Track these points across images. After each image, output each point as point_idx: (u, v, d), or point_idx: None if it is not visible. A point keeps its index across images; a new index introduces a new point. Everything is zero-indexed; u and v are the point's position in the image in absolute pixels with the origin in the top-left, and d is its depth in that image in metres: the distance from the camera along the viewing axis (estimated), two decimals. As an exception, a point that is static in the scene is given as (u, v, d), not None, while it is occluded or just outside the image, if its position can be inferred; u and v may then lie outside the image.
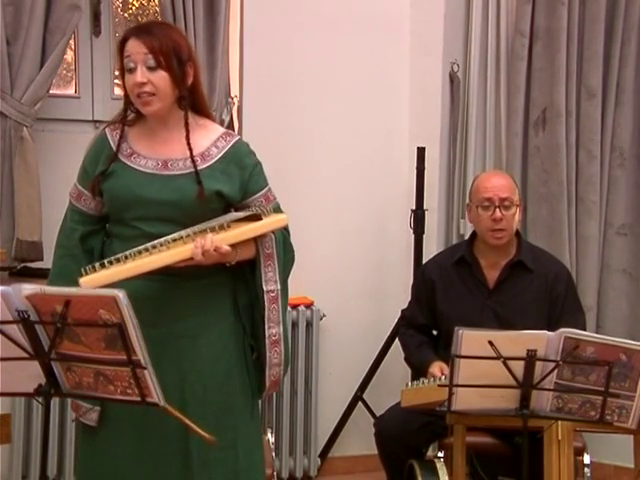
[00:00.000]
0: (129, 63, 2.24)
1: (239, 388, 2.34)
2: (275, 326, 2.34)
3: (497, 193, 2.99)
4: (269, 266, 2.32)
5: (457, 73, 3.94)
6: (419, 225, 3.77)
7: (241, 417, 2.34)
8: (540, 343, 2.22)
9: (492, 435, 2.93)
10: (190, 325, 2.29)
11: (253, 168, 2.35)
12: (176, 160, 2.29)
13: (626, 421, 2.25)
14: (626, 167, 3.80)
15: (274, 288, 2.33)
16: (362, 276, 3.99)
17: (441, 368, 2.90)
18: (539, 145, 3.84)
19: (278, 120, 3.81)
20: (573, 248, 3.81)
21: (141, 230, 2.26)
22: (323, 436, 3.91)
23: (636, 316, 3.80)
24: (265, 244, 2.31)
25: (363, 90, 3.91)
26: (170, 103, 2.28)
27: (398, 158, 3.96)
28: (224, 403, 2.31)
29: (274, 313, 2.33)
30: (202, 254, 2.16)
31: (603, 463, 3.72)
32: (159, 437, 2.26)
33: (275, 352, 2.35)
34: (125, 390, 1.96)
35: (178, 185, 2.26)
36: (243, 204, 2.34)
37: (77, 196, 2.37)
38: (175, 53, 2.25)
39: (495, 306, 3.04)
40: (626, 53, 3.72)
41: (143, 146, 2.32)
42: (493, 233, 2.99)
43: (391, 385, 3.61)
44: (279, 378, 2.39)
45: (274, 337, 2.34)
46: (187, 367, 2.28)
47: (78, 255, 2.31)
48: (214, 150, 2.31)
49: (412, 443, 2.93)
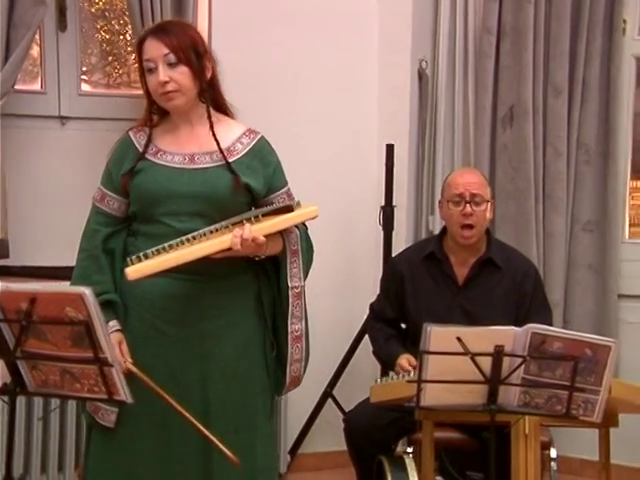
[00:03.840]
0: (149, 64, 2.27)
1: (259, 387, 2.35)
2: (298, 322, 2.36)
3: (468, 189, 3.01)
4: (294, 262, 2.35)
5: (425, 70, 3.96)
6: (388, 222, 3.78)
7: (260, 417, 2.35)
8: (507, 339, 2.24)
9: (460, 430, 2.94)
10: (215, 325, 2.30)
11: (276, 165, 2.40)
12: (202, 154, 2.31)
13: (591, 415, 2.27)
14: (592, 164, 3.84)
15: (298, 284, 2.36)
16: (332, 272, 3.99)
17: (408, 360, 2.91)
18: (507, 142, 3.87)
19: (245, 117, 3.78)
20: (540, 244, 3.85)
21: (170, 226, 2.27)
22: (293, 433, 3.91)
23: (602, 311, 3.84)
24: (291, 240, 2.34)
25: (332, 87, 3.92)
26: (193, 97, 2.30)
27: (367, 155, 3.97)
28: (245, 403, 2.32)
29: (298, 309, 2.36)
30: (240, 244, 2.18)
31: (569, 457, 3.76)
32: (179, 436, 2.25)
33: (297, 348, 2.37)
34: (92, 388, 1.95)
35: (208, 177, 2.28)
36: (266, 200, 2.36)
37: (100, 198, 2.38)
38: (193, 48, 2.28)
39: (464, 303, 3.05)
40: (591, 51, 3.76)
41: (168, 143, 2.34)
42: (462, 231, 3.00)
43: (361, 381, 3.62)
44: (300, 374, 2.41)
45: (297, 333, 2.36)
46: (211, 367, 2.29)
47: (99, 256, 2.32)
48: (239, 146, 2.35)
49: (381, 439, 2.94)
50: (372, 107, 3.98)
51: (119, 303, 2.31)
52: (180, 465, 2.26)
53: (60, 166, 3.58)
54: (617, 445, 2.63)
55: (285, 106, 3.85)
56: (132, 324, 2.30)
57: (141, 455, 2.27)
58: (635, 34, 3.87)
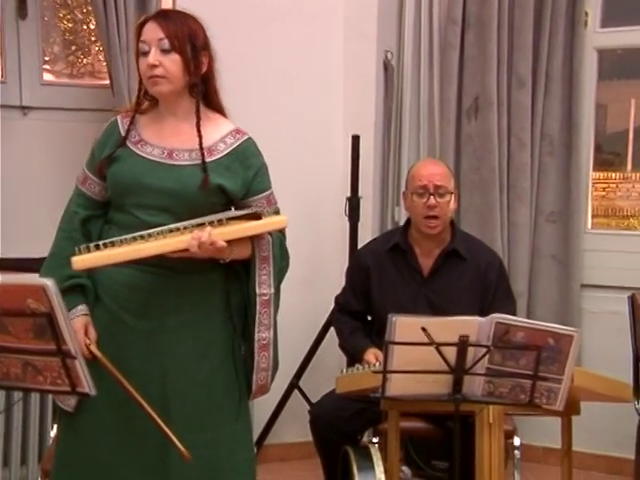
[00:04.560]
0: (143, 46, 2.26)
1: (224, 388, 2.32)
2: (265, 330, 2.32)
3: (432, 180, 3.02)
4: (264, 269, 2.31)
5: (391, 61, 3.96)
6: (354, 213, 3.78)
7: (225, 417, 2.32)
8: (472, 329, 2.25)
9: (426, 420, 2.96)
10: (179, 320, 2.28)
11: (259, 169, 2.36)
12: (182, 151, 2.29)
13: (554, 403, 2.29)
14: (555, 155, 3.86)
15: (267, 292, 2.32)
16: (297, 264, 3.93)
17: (375, 355, 2.92)
18: (471, 133, 3.89)
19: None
20: (505, 235, 3.87)
21: (139, 218, 2.25)
22: (259, 424, 3.91)
23: (565, 301, 3.88)
24: (262, 246, 2.30)
25: (297, 78, 3.90)
26: (180, 88, 2.28)
27: (333, 146, 3.97)
28: (207, 401, 2.29)
29: (265, 317, 2.32)
30: (198, 246, 2.15)
31: (532, 445, 3.81)
32: (139, 429, 2.23)
33: (264, 356, 2.33)
34: (55, 380, 1.93)
35: (182, 175, 2.26)
36: (244, 203, 2.33)
37: (83, 180, 2.37)
38: (190, 39, 2.27)
39: (429, 294, 3.07)
40: (554, 43, 3.78)
41: (151, 134, 2.32)
42: (427, 221, 3.02)
43: (327, 372, 3.62)
44: (267, 383, 2.38)
45: (263, 341, 2.33)
46: (170, 363, 2.27)
47: (76, 238, 2.30)
48: (222, 145, 2.32)
49: (347, 429, 2.95)
50: (338, 98, 3.98)
51: (90, 287, 2.29)
52: (141, 456, 2.25)
53: (22, 157, 3.53)
54: (579, 433, 2.66)
55: (250, 98, 3.83)
56: (97, 312, 2.29)
57: (105, 444, 2.26)
58: (597, 26, 3.89)
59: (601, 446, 3.84)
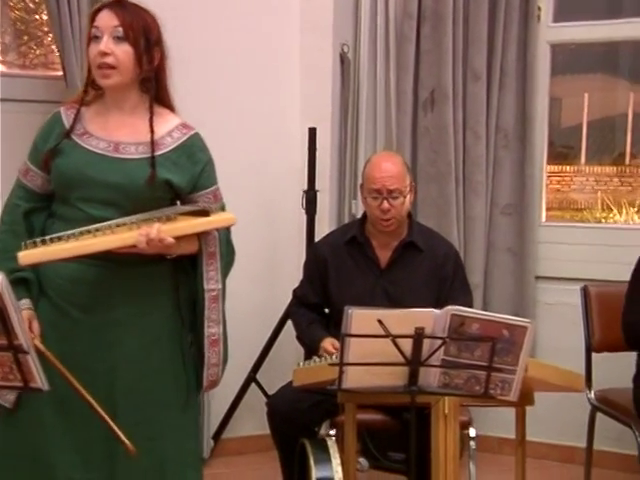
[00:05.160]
0: (96, 32, 2.22)
1: (171, 382, 2.31)
2: (215, 326, 2.32)
3: (385, 185, 3.00)
4: (211, 264, 2.30)
5: (347, 54, 3.96)
6: (311, 206, 3.78)
7: (171, 410, 2.30)
8: (427, 321, 2.26)
9: (382, 412, 2.98)
10: (126, 313, 2.26)
11: (206, 164, 2.34)
12: (128, 144, 2.26)
13: (508, 394, 2.31)
14: (510, 148, 3.89)
15: (215, 287, 2.31)
16: (254, 257, 3.98)
17: (332, 343, 2.92)
18: (428, 126, 3.91)
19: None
20: (461, 227, 3.90)
21: (84, 212, 2.22)
22: (216, 418, 3.90)
23: (520, 293, 3.91)
24: (209, 242, 2.29)
25: (253, 70, 3.89)
26: (129, 80, 2.24)
27: (289, 139, 3.96)
28: (153, 394, 2.28)
29: (214, 312, 2.32)
30: (146, 243, 2.13)
31: (488, 435, 3.84)
32: (83, 424, 2.21)
33: (214, 352, 2.33)
34: (6, 376, 1.91)
35: (128, 169, 2.23)
36: (191, 198, 2.31)
37: (24, 172, 2.33)
38: (144, 32, 2.24)
39: (386, 286, 3.08)
40: (508, 37, 3.81)
41: (96, 127, 2.28)
42: (381, 221, 3.03)
43: (284, 365, 3.62)
44: (217, 378, 2.38)
45: (213, 337, 2.32)
46: (118, 356, 2.25)
47: (19, 231, 2.26)
48: (168, 140, 2.29)
49: (304, 422, 2.95)
50: (294, 91, 3.97)
51: (33, 281, 2.26)
52: (85, 452, 2.23)
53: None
54: (533, 423, 2.70)
55: (205, 90, 3.81)
56: (42, 306, 2.26)
57: (45, 440, 2.23)
58: (549, 21, 3.93)
59: (554, 435, 3.89)
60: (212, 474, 3.77)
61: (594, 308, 3.41)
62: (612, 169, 9.07)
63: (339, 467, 2.62)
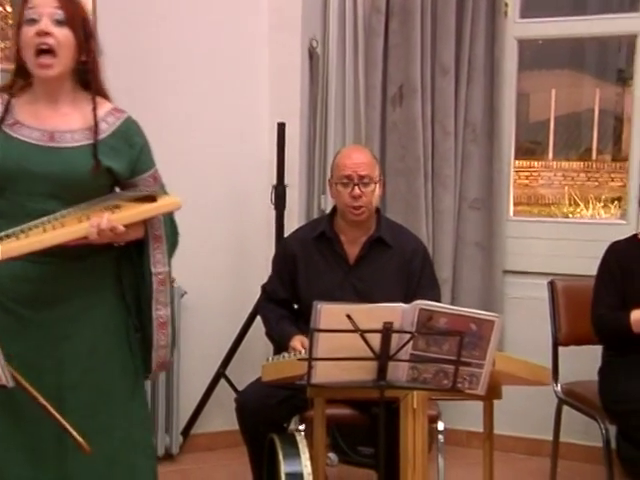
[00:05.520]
0: (32, 14, 2.12)
1: (119, 370, 2.30)
2: (163, 308, 2.30)
3: (356, 170, 3.02)
4: (158, 248, 2.28)
5: (316, 49, 3.96)
6: (280, 201, 3.78)
7: (119, 398, 2.29)
8: (396, 315, 2.27)
9: (351, 407, 2.98)
10: (71, 307, 2.23)
11: (142, 146, 2.31)
12: (64, 132, 2.20)
13: (476, 388, 2.33)
14: (478, 142, 3.91)
15: (162, 270, 2.29)
16: (223, 252, 3.97)
17: (301, 341, 2.92)
18: (396, 120, 3.92)
19: (134, 96, 3.68)
20: (430, 222, 3.91)
21: (22, 206, 2.16)
22: (185, 413, 3.89)
23: (488, 287, 3.94)
24: (154, 225, 2.27)
25: (222, 66, 3.87)
26: (68, 69, 2.18)
27: (258, 134, 3.95)
28: (102, 385, 2.26)
29: (162, 295, 2.30)
30: (97, 234, 2.11)
31: (456, 429, 3.87)
32: (29, 421, 2.18)
33: (162, 334, 2.32)
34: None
35: (67, 158, 2.17)
36: (131, 183, 2.28)
37: None
38: (83, 22, 2.18)
39: (355, 281, 3.08)
40: (476, 32, 3.82)
41: (27, 115, 2.21)
42: (352, 209, 3.03)
43: (254, 361, 3.62)
44: (166, 360, 2.36)
45: (162, 319, 2.31)
46: (67, 350, 2.22)
47: None
48: (104, 125, 2.25)
49: (273, 417, 2.95)
50: (263, 86, 3.96)
51: None
52: (33, 449, 2.21)
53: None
54: (500, 416, 2.71)
55: (175, 86, 3.79)
56: None
57: None
58: (516, 17, 3.95)
59: (521, 428, 3.93)
60: (181, 470, 3.77)
61: (561, 302, 3.44)
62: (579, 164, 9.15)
63: (308, 462, 2.62)
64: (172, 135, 3.82)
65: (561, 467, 3.51)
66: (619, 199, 5.62)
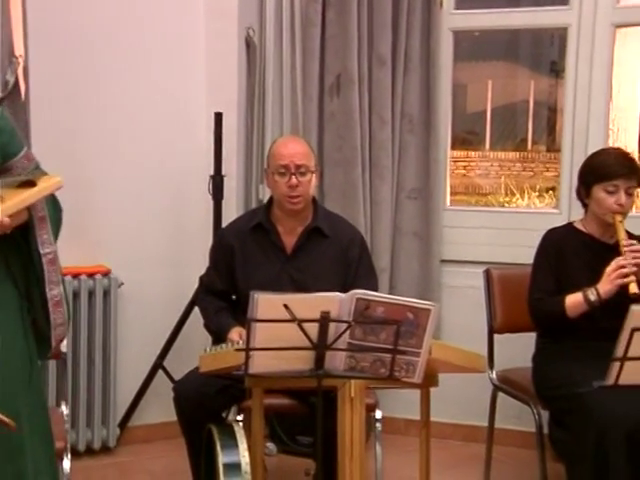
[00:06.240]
0: None
1: (19, 355, 2.26)
2: (56, 287, 2.30)
3: (293, 160, 3.02)
4: (43, 229, 2.27)
5: (253, 38, 3.93)
6: (218, 191, 3.76)
7: (20, 384, 2.26)
8: (333, 305, 2.28)
9: (289, 396, 2.98)
10: None
11: (12, 130, 2.27)
12: None
13: (413, 376, 2.36)
14: (415, 133, 3.93)
15: (50, 250, 2.28)
16: (161, 243, 3.94)
17: (239, 333, 2.91)
18: (334, 111, 3.92)
19: (69, 81, 3.67)
20: (368, 212, 3.93)
21: None
22: (122, 405, 3.85)
23: (425, 277, 3.97)
24: (37, 208, 2.24)
25: (157, 54, 3.83)
26: None
27: (195, 123, 3.92)
28: (5, 372, 2.22)
29: (53, 275, 2.29)
30: None
31: (394, 417, 3.90)
32: None
33: (59, 312, 2.32)
34: None
35: None
36: (5, 167, 2.24)
37: None
38: None
39: (292, 272, 3.08)
40: (412, 23, 3.83)
41: None
42: (289, 198, 3.03)
43: (192, 352, 3.57)
44: (64, 337, 2.38)
45: (56, 298, 2.31)
46: None
47: None
48: None
49: (211, 407, 2.93)
50: (199, 75, 3.92)
51: None
52: None
53: None
54: (437, 404, 2.74)
55: (111, 71, 3.74)
56: None
57: None
58: (451, 8, 3.98)
59: (458, 415, 3.98)
60: (118, 463, 3.74)
61: (496, 290, 3.48)
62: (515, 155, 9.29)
63: (246, 452, 2.61)
64: (108, 125, 3.78)
65: (496, 452, 3.57)
66: (553, 189, 5.72)
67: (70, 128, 3.70)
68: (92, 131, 3.75)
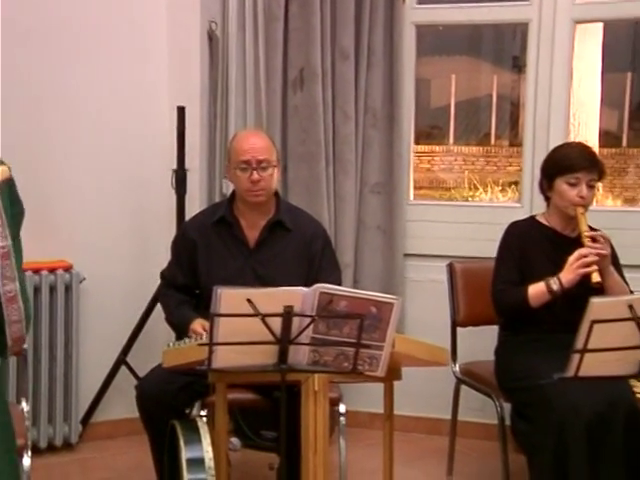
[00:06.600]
0: None
1: None
2: (10, 283, 2.24)
3: (254, 155, 3.00)
4: None
5: (215, 32, 3.91)
6: (181, 185, 3.74)
7: None
8: (296, 299, 2.28)
9: (253, 391, 2.98)
10: None
11: None
12: None
13: (376, 370, 2.36)
14: (378, 127, 3.94)
15: (4, 244, 2.22)
16: (123, 238, 3.91)
17: (202, 325, 2.90)
18: (297, 105, 3.91)
19: (28, 76, 3.63)
20: (331, 206, 3.93)
21: None
22: (85, 401, 3.83)
23: (389, 271, 3.98)
24: None
25: (119, 47, 3.80)
26: None
27: (158, 117, 3.89)
28: None
29: (7, 270, 2.23)
30: None
31: (358, 411, 3.92)
32: None
33: (13, 309, 2.26)
34: None
35: None
36: None
37: None
38: None
39: (256, 265, 3.07)
40: (375, 17, 3.84)
41: None
42: (251, 192, 3.02)
43: (155, 347, 3.56)
44: (22, 335, 2.30)
45: (10, 294, 2.24)
46: None
47: None
48: None
49: (173, 403, 2.91)
50: (162, 69, 3.89)
51: None
52: None
53: None
54: (401, 397, 2.75)
55: (70, 63, 3.71)
56: None
57: None
58: (414, 3, 3.99)
59: (421, 409, 4.00)
60: (80, 459, 3.71)
61: (459, 284, 3.51)
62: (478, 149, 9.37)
63: (209, 447, 2.60)
64: (70, 119, 3.74)
65: (459, 445, 3.60)
66: (516, 183, 5.78)
67: (30, 122, 3.66)
68: (53, 125, 3.71)
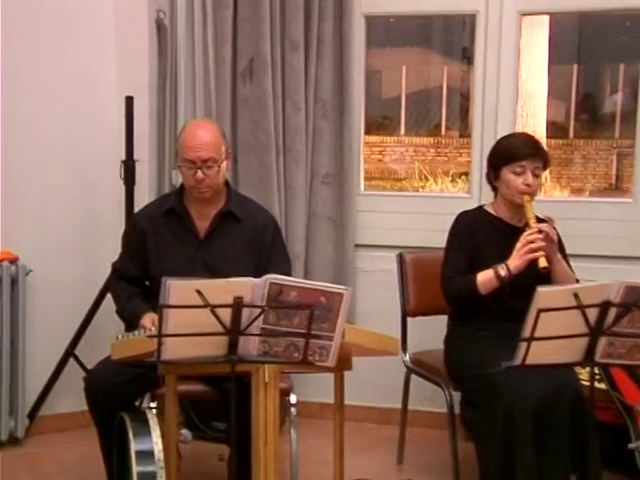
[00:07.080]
0: None
1: None
2: None
3: (199, 155, 2.95)
4: None
5: (164, 21, 3.88)
6: (129, 176, 3.70)
7: None
8: (246, 290, 2.27)
9: (203, 382, 2.97)
10: None
11: None
12: None
13: (326, 360, 2.37)
14: (329, 118, 3.94)
15: None
16: (71, 229, 3.87)
17: (152, 319, 2.87)
18: (247, 95, 3.90)
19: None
20: (282, 197, 3.93)
21: None
22: (32, 394, 3.78)
23: (340, 261, 3.99)
24: None
25: (65, 36, 3.75)
26: None
27: (106, 107, 3.85)
28: None
29: None
30: None
31: (309, 401, 3.92)
32: None
33: None
34: None
35: None
36: None
37: None
38: None
39: (206, 256, 3.06)
40: (324, 7, 3.83)
41: None
42: (197, 189, 3.00)
43: (104, 339, 3.52)
44: None
45: None
46: None
47: None
48: None
49: (123, 396, 2.88)
50: (109, 59, 3.84)
51: None
52: None
53: None
54: (351, 387, 2.77)
55: (17, 52, 3.64)
56: None
57: None
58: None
59: (372, 398, 4.02)
60: (27, 454, 3.66)
61: (409, 274, 3.53)
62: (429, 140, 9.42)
63: (159, 439, 2.59)
64: (15, 109, 3.68)
65: (409, 434, 3.63)
66: (466, 174, 5.83)
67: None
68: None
